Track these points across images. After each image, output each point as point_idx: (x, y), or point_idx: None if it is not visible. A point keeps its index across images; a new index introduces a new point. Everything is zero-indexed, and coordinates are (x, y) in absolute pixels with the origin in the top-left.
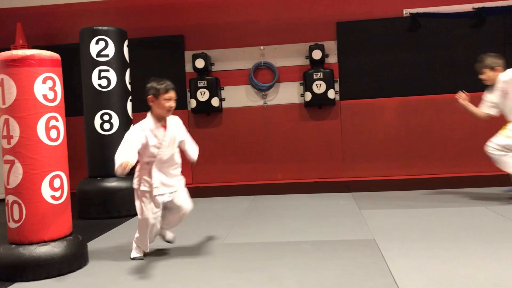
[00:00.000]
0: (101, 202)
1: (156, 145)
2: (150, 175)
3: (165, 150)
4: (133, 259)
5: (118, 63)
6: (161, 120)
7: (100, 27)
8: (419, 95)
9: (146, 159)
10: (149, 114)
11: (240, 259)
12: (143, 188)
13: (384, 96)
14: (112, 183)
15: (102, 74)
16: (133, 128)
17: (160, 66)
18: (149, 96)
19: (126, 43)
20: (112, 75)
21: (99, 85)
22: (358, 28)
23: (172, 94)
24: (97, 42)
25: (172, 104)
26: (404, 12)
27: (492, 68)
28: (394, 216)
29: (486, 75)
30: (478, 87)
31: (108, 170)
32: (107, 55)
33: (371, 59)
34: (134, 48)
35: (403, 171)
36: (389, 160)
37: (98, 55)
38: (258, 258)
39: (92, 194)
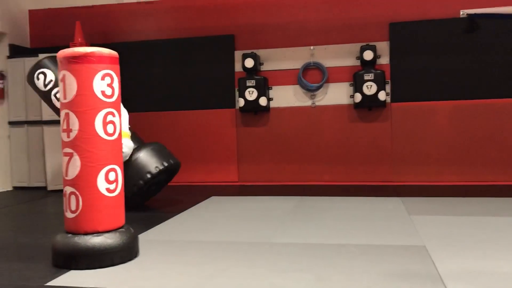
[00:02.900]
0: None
1: None
2: None
3: None
4: None
5: None
6: None
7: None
8: (475, 99)
9: None
10: None
11: (286, 259)
12: None
13: (437, 99)
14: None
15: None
16: None
17: (210, 65)
18: None
19: None
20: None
21: None
22: (412, 29)
23: None
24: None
25: None
26: (461, 13)
27: None
28: (447, 223)
29: None
30: None
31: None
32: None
33: (425, 61)
34: (186, 47)
35: (455, 177)
36: (440, 166)
37: None
38: (304, 259)
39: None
